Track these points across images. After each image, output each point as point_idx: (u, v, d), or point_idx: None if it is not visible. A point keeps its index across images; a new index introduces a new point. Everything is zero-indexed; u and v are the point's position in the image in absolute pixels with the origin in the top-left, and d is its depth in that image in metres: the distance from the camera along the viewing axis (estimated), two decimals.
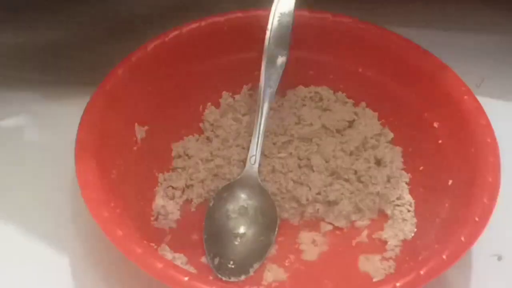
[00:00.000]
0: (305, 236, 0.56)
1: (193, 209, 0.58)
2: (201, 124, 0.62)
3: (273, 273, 0.54)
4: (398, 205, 0.57)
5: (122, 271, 0.52)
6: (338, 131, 0.60)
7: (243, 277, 0.53)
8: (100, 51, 0.62)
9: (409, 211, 0.57)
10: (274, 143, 0.60)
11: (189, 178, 0.59)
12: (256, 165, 0.57)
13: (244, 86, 0.63)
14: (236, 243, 0.55)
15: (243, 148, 0.60)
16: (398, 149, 0.60)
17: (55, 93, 0.64)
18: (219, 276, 0.53)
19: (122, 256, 0.46)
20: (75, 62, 0.64)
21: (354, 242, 0.56)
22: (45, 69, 0.64)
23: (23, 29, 0.61)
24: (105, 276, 0.53)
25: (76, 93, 0.60)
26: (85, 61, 0.64)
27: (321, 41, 0.62)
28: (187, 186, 0.59)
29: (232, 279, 0.53)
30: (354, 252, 0.55)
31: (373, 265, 0.54)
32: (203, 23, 0.60)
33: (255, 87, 0.63)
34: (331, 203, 0.57)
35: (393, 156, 0.59)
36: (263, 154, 0.60)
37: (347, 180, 0.58)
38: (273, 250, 0.55)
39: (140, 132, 0.58)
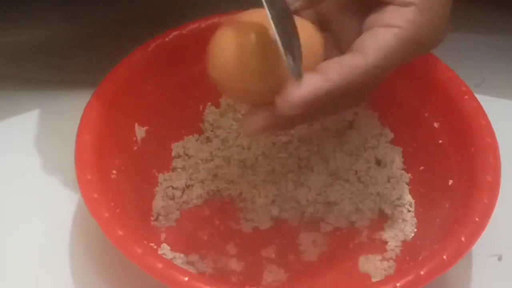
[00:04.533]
0: (305, 237, 0.56)
1: (193, 209, 0.58)
2: (201, 124, 0.62)
3: (273, 273, 0.54)
4: (398, 206, 0.57)
5: (122, 271, 0.52)
6: (338, 131, 0.60)
7: None
8: (100, 51, 0.62)
9: (409, 211, 0.57)
10: (274, 143, 0.60)
11: (189, 178, 0.59)
12: None
13: None
14: None
15: (243, 148, 0.60)
16: (398, 149, 0.60)
17: (55, 93, 0.64)
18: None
19: (122, 256, 0.46)
20: (75, 62, 0.64)
21: (354, 243, 0.56)
22: (45, 69, 0.64)
23: (23, 29, 0.60)
24: (105, 276, 0.53)
25: (76, 93, 0.60)
26: (85, 61, 0.63)
27: None
28: (187, 186, 0.59)
29: None
30: (354, 252, 0.55)
31: (373, 266, 0.54)
32: (203, 23, 0.60)
33: None
34: (331, 204, 0.57)
35: (393, 156, 0.59)
36: (263, 154, 0.60)
37: (347, 181, 0.58)
38: None
39: (140, 132, 0.57)
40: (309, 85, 0.42)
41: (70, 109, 0.56)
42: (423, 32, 0.45)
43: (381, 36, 0.44)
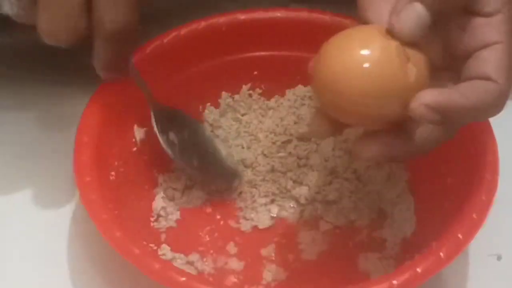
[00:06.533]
0: (305, 235, 0.56)
1: (193, 209, 0.58)
2: (200, 124, 0.62)
3: (272, 272, 0.54)
4: (397, 204, 0.57)
5: (122, 271, 0.52)
6: None
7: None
8: None
9: (408, 209, 0.56)
10: (273, 143, 0.60)
11: (188, 179, 0.59)
12: None
13: (244, 86, 0.63)
14: None
15: (243, 147, 0.60)
16: None
17: (54, 93, 0.64)
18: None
19: (121, 258, 0.46)
20: (75, 62, 0.64)
21: (353, 241, 0.56)
22: (45, 69, 0.64)
23: (23, 29, 0.61)
24: (104, 276, 0.53)
25: (75, 93, 0.60)
26: (85, 61, 0.63)
27: (320, 40, 0.61)
28: (187, 187, 0.59)
29: None
30: (353, 251, 0.55)
31: (373, 264, 0.54)
32: (202, 23, 0.60)
33: (254, 87, 0.63)
34: (330, 202, 0.57)
35: None
36: (263, 154, 0.60)
37: (346, 179, 0.58)
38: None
39: (139, 133, 0.58)
40: (447, 94, 0.42)
41: (70, 110, 0.56)
42: None
43: (491, 58, 0.43)
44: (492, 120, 0.53)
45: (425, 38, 0.43)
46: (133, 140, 0.57)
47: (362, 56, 0.41)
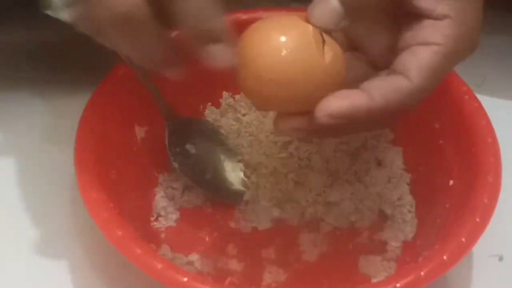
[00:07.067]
0: (305, 237, 0.56)
1: (193, 209, 0.58)
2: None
3: (272, 273, 0.54)
4: (398, 206, 0.57)
5: (122, 271, 0.52)
6: None
7: None
8: (100, 51, 0.62)
9: (409, 211, 0.56)
10: (274, 143, 0.60)
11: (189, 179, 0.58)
12: None
13: None
14: None
15: (244, 147, 0.60)
16: (399, 149, 0.60)
17: (55, 93, 0.64)
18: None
19: (121, 257, 0.46)
20: (75, 62, 0.64)
21: (354, 243, 0.56)
22: (45, 69, 0.64)
23: (22, 29, 0.60)
24: (105, 276, 0.53)
25: (76, 93, 0.60)
26: (85, 61, 0.63)
27: None
28: (187, 187, 0.59)
29: None
30: (354, 253, 0.55)
31: (374, 266, 0.54)
32: None
33: None
34: (331, 204, 0.57)
35: (394, 156, 0.59)
36: (264, 154, 0.60)
37: (347, 181, 0.58)
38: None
39: (139, 132, 0.57)
40: (351, 100, 0.43)
41: (70, 109, 0.56)
42: (460, 45, 0.44)
43: (421, 56, 0.43)
44: (493, 120, 0.53)
45: (342, 30, 0.45)
46: (134, 139, 0.57)
47: (280, 42, 0.43)
